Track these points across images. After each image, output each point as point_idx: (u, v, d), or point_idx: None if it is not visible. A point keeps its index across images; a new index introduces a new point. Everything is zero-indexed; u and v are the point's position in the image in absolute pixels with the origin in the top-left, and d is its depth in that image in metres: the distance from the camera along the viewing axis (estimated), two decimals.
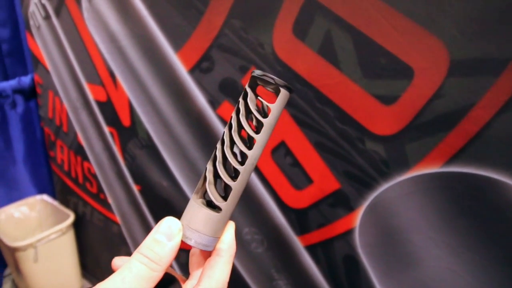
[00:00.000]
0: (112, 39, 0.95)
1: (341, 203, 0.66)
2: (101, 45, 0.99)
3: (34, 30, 1.23)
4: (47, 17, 1.14)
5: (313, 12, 0.58)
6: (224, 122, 0.79)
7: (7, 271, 1.61)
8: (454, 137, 0.50)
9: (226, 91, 0.76)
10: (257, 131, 0.28)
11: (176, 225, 0.26)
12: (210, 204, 0.29)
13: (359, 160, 0.61)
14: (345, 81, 0.58)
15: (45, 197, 1.55)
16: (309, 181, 0.69)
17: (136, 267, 0.24)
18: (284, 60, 0.65)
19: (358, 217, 0.64)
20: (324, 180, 0.67)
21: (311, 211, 0.71)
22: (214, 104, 0.79)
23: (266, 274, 0.84)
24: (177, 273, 0.31)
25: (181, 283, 0.29)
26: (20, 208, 1.51)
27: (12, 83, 1.36)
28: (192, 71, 0.81)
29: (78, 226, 1.46)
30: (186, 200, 0.94)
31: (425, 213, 0.56)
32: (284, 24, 0.62)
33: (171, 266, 0.28)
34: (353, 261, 0.67)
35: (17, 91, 1.38)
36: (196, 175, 0.91)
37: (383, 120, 0.56)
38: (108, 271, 0.24)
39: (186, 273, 0.32)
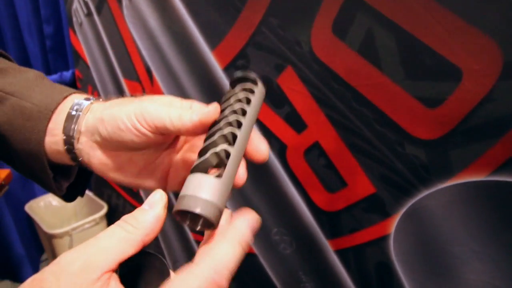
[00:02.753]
0: (150, 36, 0.96)
1: (376, 208, 0.63)
2: (139, 41, 1.01)
3: (76, 27, 1.28)
4: (89, 14, 1.17)
5: (354, 10, 0.56)
6: (256, 120, 0.78)
7: (44, 256, 1.69)
8: (504, 144, 0.47)
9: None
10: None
11: (159, 193, 0.25)
12: (209, 171, 0.28)
13: (397, 165, 0.58)
14: (386, 81, 0.56)
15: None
16: (343, 184, 0.67)
17: (112, 229, 0.23)
18: (321, 58, 0.63)
19: (394, 223, 0.61)
20: (358, 183, 0.65)
21: (344, 214, 0.69)
22: None
23: (293, 276, 0.83)
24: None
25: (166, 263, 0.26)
26: (58, 197, 1.58)
27: (54, 78, 1.42)
28: (227, 69, 0.81)
29: (111, 217, 1.50)
30: None
31: (468, 224, 0.52)
32: (323, 22, 0.61)
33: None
34: (386, 269, 0.65)
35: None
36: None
37: (425, 123, 0.54)
38: None
39: None
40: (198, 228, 0.26)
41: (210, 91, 0.87)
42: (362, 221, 0.66)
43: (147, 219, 0.24)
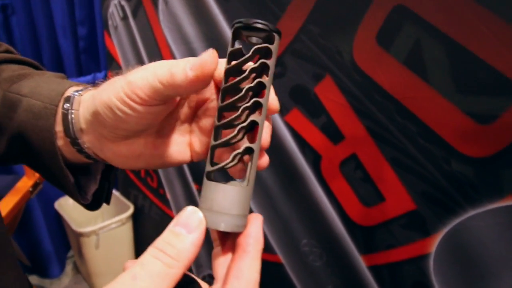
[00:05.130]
0: (184, 41, 0.97)
1: (416, 225, 0.61)
2: (173, 46, 1.02)
3: (111, 30, 1.31)
4: (125, 18, 1.19)
5: (401, 20, 0.55)
6: (291, 129, 0.77)
7: (70, 253, 1.72)
8: None
9: (296, 98, 0.74)
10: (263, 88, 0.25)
11: (197, 215, 0.22)
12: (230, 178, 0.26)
13: (442, 182, 0.56)
14: (434, 95, 0.53)
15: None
16: (381, 198, 0.65)
17: (150, 263, 0.20)
18: (363, 69, 0.61)
19: (435, 242, 0.59)
20: (397, 199, 0.62)
21: (380, 230, 0.67)
22: (282, 110, 0.78)
23: None
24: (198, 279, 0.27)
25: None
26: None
27: (87, 79, 1.46)
28: None
29: (137, 218, 1.52)
30: None
31: None
32: (367, 32, 0.59)
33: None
34: None
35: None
36: (256, 180, 0.90)
37: (475, 140, 0.51)
38: None
39: None
40: (222, 231, 0.24)
41: None
42: (399, 238, 0.64)
43: (186, 247, 0.21)
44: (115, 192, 1.60)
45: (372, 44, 0.59)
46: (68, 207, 1.54)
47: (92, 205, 0.38)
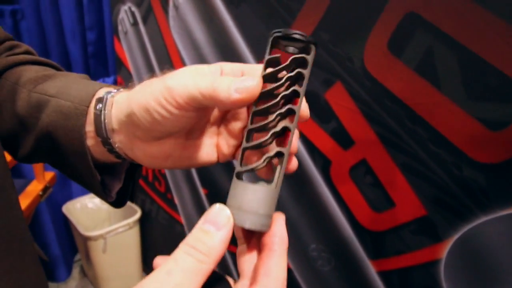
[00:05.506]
0: (194, 47, 0.98)
1: (426, 231, 0.61)
2: (183, 51, 1.03)
3: (121, 35, 1.32)
4: (135, 24, 1.21)
5: (413, 27, 0.55)
6: (300, 134, 0.78)
7: (77, 257, 1.73)
8: None
9: (309, 106, 0.74)
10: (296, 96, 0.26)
11: (225, 213, 0.23)
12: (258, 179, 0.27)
13: (453, 188, 0.56)
14: (445, 101, 0.54)
15: None
16: (391, 204, 0.65)
17: (183, 259, 0.21)
18: (374, 75, 0.62)
19: (445, 248, 0.59)
20: (408, 204, 0.63)
21: (390, 235, 0.67)
22: None
23: None
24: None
25: (231, 284, 0.26)
26: (93, 200, 1.62)
27: None
28: None
29: (144, 223, 1.52)
30: None
31: None
32: (378, 38, 0.60)
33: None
34: None
35: None
36: None
37: (487, 146, 0.51)
38: None
39: None
40: (248, 229, 0.25)
41: None
42: (410, 244, 0.64)
43: (216, 244, 0.22)
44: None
45: (384, 51, 0.60)
46: (75, 211, 1.55)
47: (117, 203, 0.39)
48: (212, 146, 0.32)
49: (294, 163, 0.28)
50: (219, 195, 1.06)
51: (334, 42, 0.67)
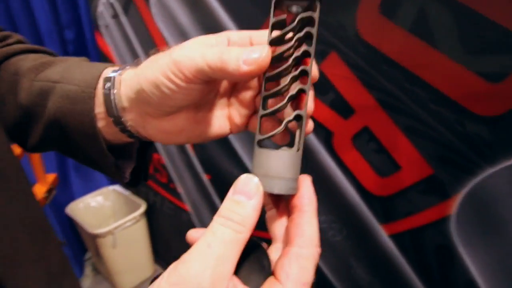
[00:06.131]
0: (180, 32, 0.96)
1: (434, 190, 0.62)
2: (170, 39, 1.01)
3: (103, 29, 1.29)
4: (115, 16, 1.18)
5: None
6: None
7: (87, 255, 1.74)
8: None
9: None
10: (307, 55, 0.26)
11: (254, 181, 0.24)
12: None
13: (456, 144, 0.57)
14: (442, 59, 0.54)
15: (117, 187, 1.65)
16: (396, 167, 0.66)
17: (220, 231, 0.22)
18: (369, 41, 0.62)
19: (455, 204, 0.60)
20: (414, 166, 0.63)
21: (398, 198, 0.68)
22: None
23: (344, 263, 0.83)
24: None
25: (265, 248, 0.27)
26: (96, 198, 1.62)
27: None
28: None
29: (150, 215, 1.53)
30: None
31: None
32: (369, 3, 0.59)
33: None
34: (447, 251, 0.64)
35: None
36: None
37: (488, 99, 0.52)
38: (179, 257, 0.22)
39: None
40: (277, 194, 0.26)
41: None
42: (419, 204, 0.65)
43: (249, 213, 0.23)
44: (125, 192, 1.61)
45: (376, 15, 0.59)
46: (79, 211, 1.55)
47: (131, 183, 0.39)
48: (224, 118, 0.32)
49: (310, 125, 0.29)
50: (223, 179, 1.07)
51: (324, 11, 0.65)
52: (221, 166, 1.06)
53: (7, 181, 0.35)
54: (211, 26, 0.87)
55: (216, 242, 0.22)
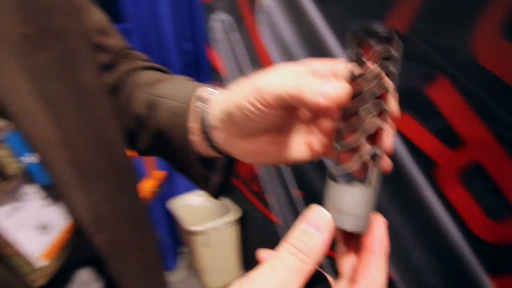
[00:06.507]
0: (284, 49, 0.99)
1: None
2: (275, 54, 1.05)
3: (214, 43, 1.40)
4: (227, 32, 1.27)
5: None
6: (400, 134, 0.72)
7: (183, 249, 1.89)
8: None
9: (408, 103, 0.69)
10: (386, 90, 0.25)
11: (324, 215, 0.24)
12: (355, 180, 0.26)
13: None
14: None
15: None
16: None
17: (287, 258, 0.23)
18: (486, 66, 0.54)
19: None
20: None
21: None
22: None
23: None
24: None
25: (331, 283, 0.26)
26: (196, 198, 1.75)
27: None
28: None
29: (243, 221, 1.59)
30: None
31: None
32: (489, 25, 0.52)
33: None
34: None
35: None
36: None
37: None
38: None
39: None
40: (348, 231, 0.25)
41: None
42: None
43: (317, 245, 0.23)
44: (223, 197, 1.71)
45: (496, 38, 0.52)
46: (180, 207, 1.70)
47: (215, 194, 0.43)
48: (303, 144, 0.33)
49: (387, 163, 0.28)
50: (314, 199, 1.06)
51: (435, 32, 0.60)
52: (314, 185, 1.05)
53: (122, 178, 0.42)
54: (313, 42, 0.88)
55: (281, 268, 0.22)
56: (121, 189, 0.42)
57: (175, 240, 1.86)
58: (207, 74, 1.90)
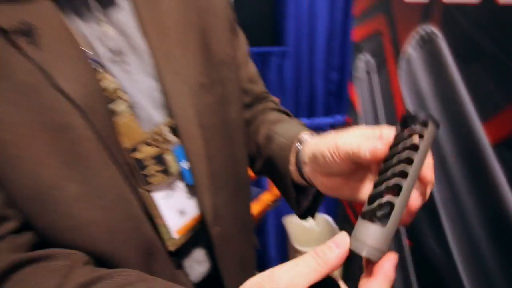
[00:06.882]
0: (419, 99, 1.00)
1: None
2: (409, 103, 1.06)
3: (356, 80, 1.47)
4: (369, 72, 1.33)
5: None
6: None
7: None
8: None
9: None
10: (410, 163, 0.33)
11: (345, 238, 0.31)
12: (375, 219, 0.31)
13: None
14: None
15: (328, 217, 1.81)
16: None
17: (308, 259, 0.29)
18: None
19: None
20: None
21: None
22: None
23: None
24: None
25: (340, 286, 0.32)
26: (309, 219, 1.83)
27: (329, 121, 1.68)
28: (497, 147, 0.73)
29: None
30: (456, 273, 0.86)
31: None
32: None
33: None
34: None
35: (332, 126, 1.68)
36: (475, 254, 0.81)
37: None
38: None
39: None
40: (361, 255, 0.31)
41: (470, 162, 0.81)
42: None
43: (332, 257, 0.30)
44: (332, 223, 1.75)
45: None
46: (293, 225, 1.80)
47: (302, 216, 0.55)
48: (368, 189, 0.40)
49: (407, 218, 0.35)
50: (423, 251, 1.02)
51: None
52: (423, 236, 1.02)
53: (240, 190, 0.57)
54: (449, 97, 0.87)
55: (302, 264, 0.30)
56: (237, 198, 0.56)
57: (283, 253, 1.97)
58: (345, 106, 1.97)
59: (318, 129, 1.74)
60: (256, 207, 1.40)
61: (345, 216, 1.67)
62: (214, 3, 0.52)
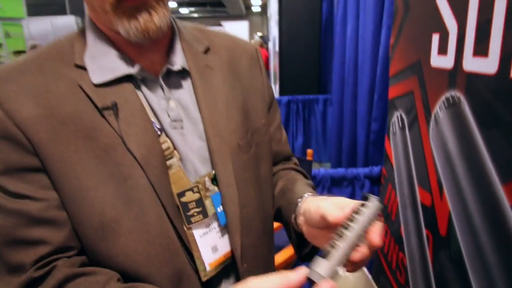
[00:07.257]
0: (447, 157, 1.05)
1: None
2: (437, 159, 1.11)
3: (391, 135, 1.53)
4: (402, 128, 1.39)
5: None
6: None
7: None
8: None
9: None
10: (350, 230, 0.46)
11: (305, 268, 0.41)
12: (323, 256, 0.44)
13: None
14: None
15: (364, 268, 1.80)
16: None
17: (278, 276, 0.41)
18: None
19: None
20: None
21: None
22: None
23: None
24: None
25: None
26: (343, 271, 1.84)
27: (365, 171, 1.73)
28: None
29: None
30: None
31: None
32: None
33: None
34: None
35: (368, 177, 1.73)
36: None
37: None
38: None
39: None
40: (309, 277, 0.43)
41: (493, 223, 0.84)
42: None
43: (293, 279, 0.41)
44: (367, 273, 1.74)
45: None
46: None
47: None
48: None
49: (350, 267, 0.47)
50: None
51: None
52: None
53: (264, 230, 0.67)
54: (473, 160, 0.92)
55: (275, 278, 0.42)
56: (263, 241, 0.65)
57: None
58: (382, 157, 2.01)
59: (354, 179, 1.79)
60: (288, 252, 1.47)
61: (379, 267, 1.66)
62: (254, 84, 0.67)
